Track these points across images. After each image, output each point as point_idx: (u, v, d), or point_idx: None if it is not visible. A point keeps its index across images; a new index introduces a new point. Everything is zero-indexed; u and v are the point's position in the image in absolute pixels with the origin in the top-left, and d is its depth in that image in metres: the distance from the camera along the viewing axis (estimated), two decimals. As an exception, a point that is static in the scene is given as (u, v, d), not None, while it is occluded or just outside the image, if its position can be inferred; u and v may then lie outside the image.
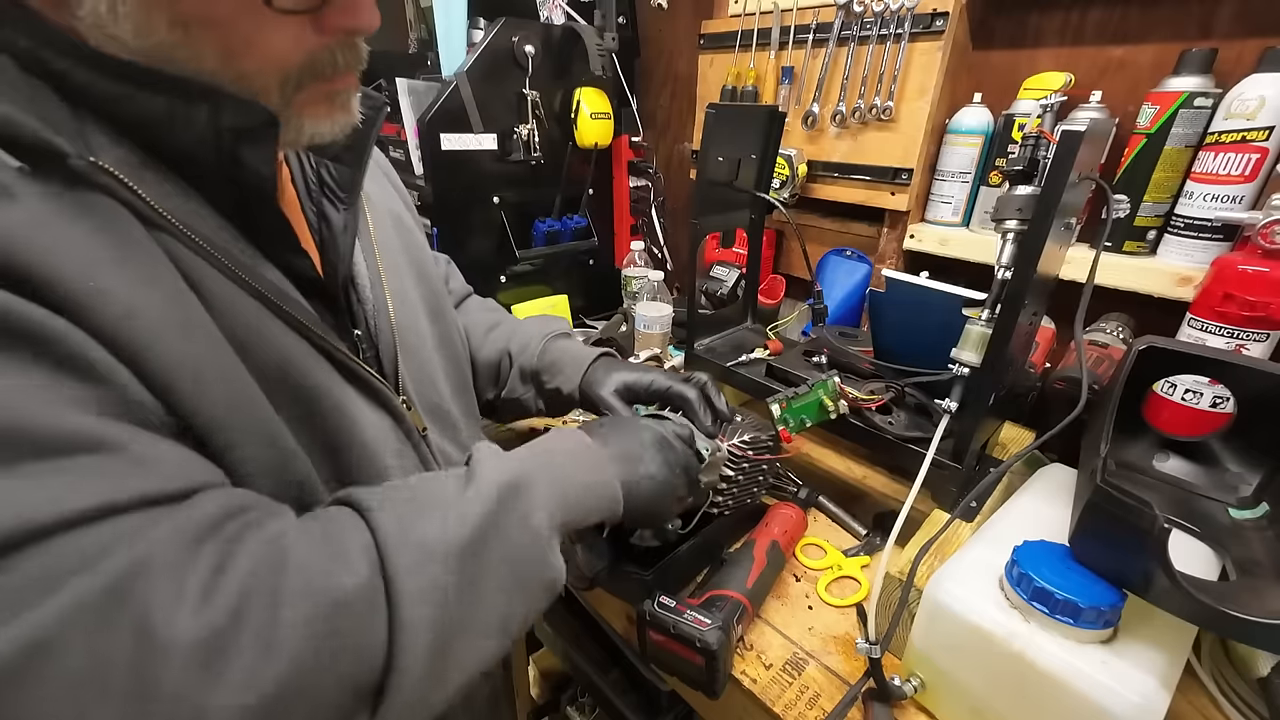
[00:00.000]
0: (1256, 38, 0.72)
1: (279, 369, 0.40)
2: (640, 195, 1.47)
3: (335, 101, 0.41)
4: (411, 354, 0.55)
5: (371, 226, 0.56)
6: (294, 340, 0.42)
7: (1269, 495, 0.58)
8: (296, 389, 0.41)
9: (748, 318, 1.05)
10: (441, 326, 0.62)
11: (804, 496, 0.79)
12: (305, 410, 0.42)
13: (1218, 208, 0.72)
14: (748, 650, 0.60)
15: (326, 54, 0.38)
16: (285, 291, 0.42)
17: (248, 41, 0.35)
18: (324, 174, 0.51)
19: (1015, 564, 0.48)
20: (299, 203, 0.50)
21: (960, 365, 0.64)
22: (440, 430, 0.57)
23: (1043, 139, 0.58)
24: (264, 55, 0.36)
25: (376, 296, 0.53)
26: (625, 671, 0.93)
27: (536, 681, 1.25)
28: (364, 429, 0.46)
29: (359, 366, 0.46)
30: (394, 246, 0.58)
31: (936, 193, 0.98)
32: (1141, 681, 0.42)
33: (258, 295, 0.39)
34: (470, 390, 0.67)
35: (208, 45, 0.34)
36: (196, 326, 0.35)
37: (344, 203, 0.51)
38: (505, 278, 1.24)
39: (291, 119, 0.39)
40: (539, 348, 0.72)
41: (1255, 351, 0.66)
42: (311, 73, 0.38)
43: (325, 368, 0.44)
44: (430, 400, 0.57)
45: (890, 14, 0.92)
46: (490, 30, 1.08)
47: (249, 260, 0.40)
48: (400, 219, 0.62)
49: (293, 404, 0.41)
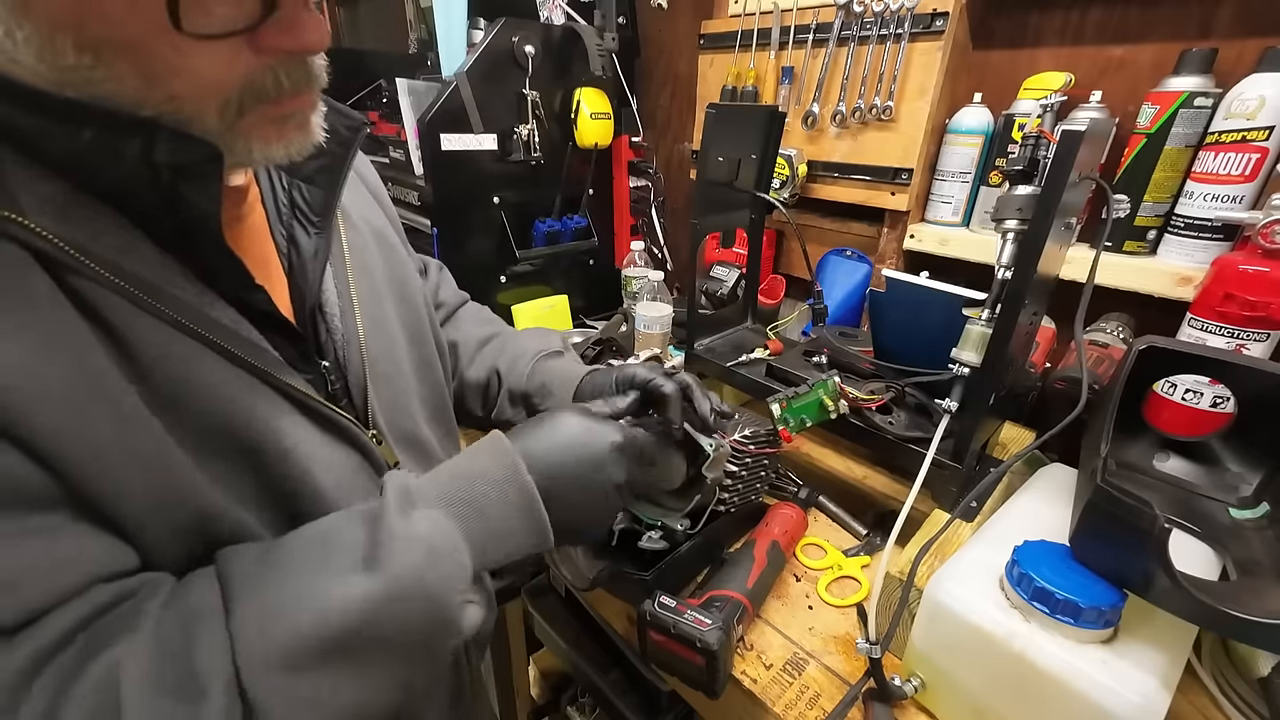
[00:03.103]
0: (1256, 38, 0.72)
1: (221, 418, 0.38)
2: (640, 195, 1.47)
3: (287, 124, 0.38)
4: (385, 383, 0.52)
5: (346, 249, 0.53)
6: (243, 382, 0.39)
7: (1269, 495, 0.58)
8: (239, 439, 0.39)
9: (748, 318, 1.05)
10: (423, 350, 0.59)
11: (804, 496, 0.79)
12: (250, 461, 0.39)
13: (1218, 207, 0.72)
14: (748, 650, 0.60)
15: (269, 75, 0.35)
16: (234, 330, 0.40)
17: (170, 66, 0.32)
18: (296, 196, 0.49)
19: (1015, 564, 0.48)
20: (268, 225, 0.48)
21: (960, 365, 0.64)
22: (414, 460, 0.54)
23: (1043, 139, 0.58)
24: (193, 80, 0.33)
25: (347, 326, 0.50)
26: (625, 671, 0.93)
27: (536, 681, 1.25)
28: (318, 476, 0.43)
29: (320, 404, 0.44)
30: (373, 268, 0.55)
31: (936, 193, 0.98)
32: (1142, 681, 0.42)
33: (199, 337, 0.37)
34: (449, 411, 0.63)
35: (125, 71, 0.31)
36: (102, 399, 0.33)
37: (316, 227, 0.49)
38: (505, 278, 1.24)
39: (237, 142, 0.36)
40: (528, 368, 0.68)
41: (1255, 351, 0.66)
42: (254, 96, 0.35)
43: (281, 408, 0.41)
44: (404, 430, 0.54)
45: (890, 14, 0.92)
46: (490, 30, 1.08)
47: (193, 299, 0.38)
48: (383, 236, 0.59)
49: (236, 455, 0.39)
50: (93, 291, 0.34)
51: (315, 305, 0.48)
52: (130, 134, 0.33)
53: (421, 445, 0.56)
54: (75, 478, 0.32)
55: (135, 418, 0.34)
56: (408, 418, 0.55)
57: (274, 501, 0.41)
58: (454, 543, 0.39)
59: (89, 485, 0.33)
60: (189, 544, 0.37)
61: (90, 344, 0.33)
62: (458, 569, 0.38)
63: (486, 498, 0.41)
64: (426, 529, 0.38)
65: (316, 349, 0.48)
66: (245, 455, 0.39)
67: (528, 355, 0.70)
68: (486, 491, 0.41)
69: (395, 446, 0.52)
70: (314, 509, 0.42)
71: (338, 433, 0.45)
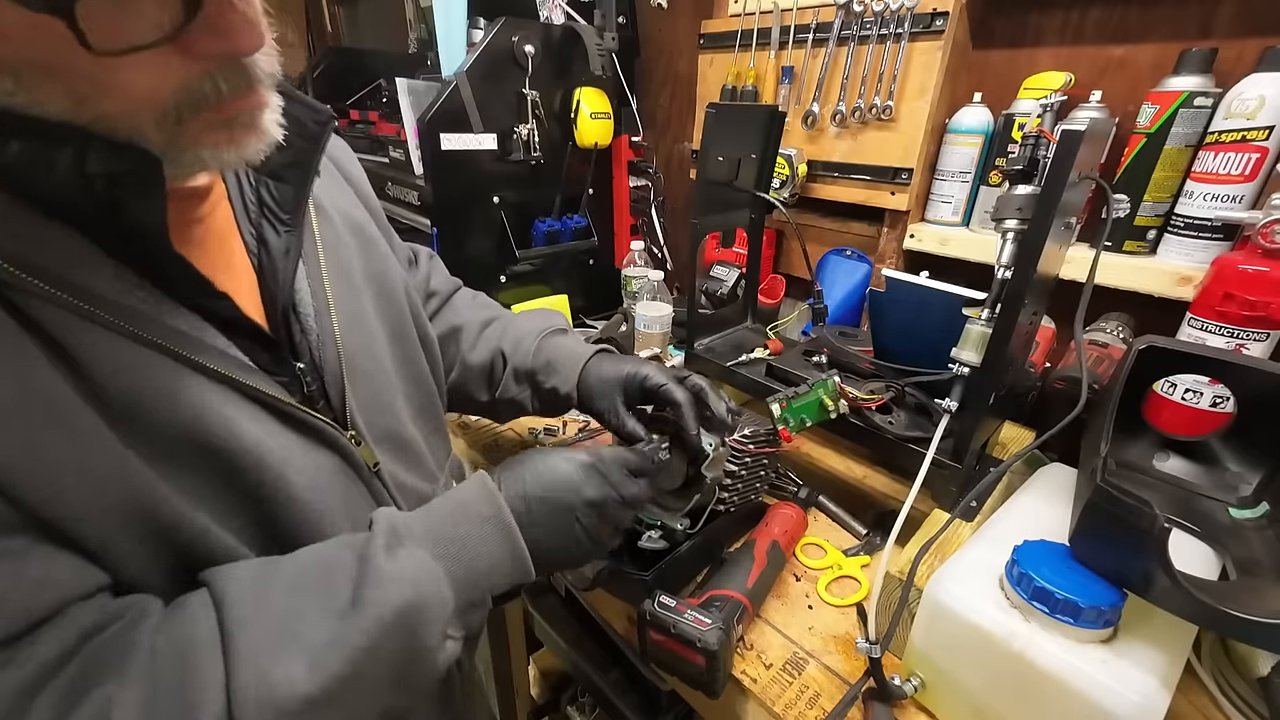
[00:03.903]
0: (1256, 37, 0.72)
1: (184, 428, 0.37)
2: (640, 195, 1.47)
3: (234, 127, 0.36)
4: (364, 381, 0.51)
5: (320, 245, 0.51)
6: (207, 391, 0.38)
7: (1269, 495, 0.58)
8: (205, 451, 0.38)
9: (748, 317, 1.05)
10: (405, 345, 0.58)
11: (804, 496, 0.79)
12: (218, 471, 0.39)
13: (1218, 207, 0.72)
14: (748, 650, 0.60)
15: (207, 82, 0.33)
16: (197, 338, 0.39)
17: (97, 84, 0.30)
18: (264, 193, 0.47)
19: (1015, 564, 0.48)
20: (235, 224, 0.46)
21: (960, 365, 0.64)
22: (397, 459, 0.53)
23: (1043, 138, 0.58)
24: (123, 95, 0.31)
25: (322, 325, 0.49)
26: (625, 671, 0.93)
27: (536, 681, 1.25)
28: (292, 481, 0.42)
29: (294, 408, 0.43)
30: (350, 262, 0.54)
31: (936, 192, 0.98)
32: (1141, 681, 0.42)
33: (156, 347, 0.36)
34: (437, 408, 0.63)
35: (50, 92, 0.30)
36: (54, 421, 0.32)
37: (285, 224, 0.47)
38: (505, 278, 1.24)
39: (185, 152, 0.35)
40: (534, 345, 0.69)
41: (1255, 351, 0.66)
42: (192, 103, 0.33)
43: (249, 413, 0.40)
44: (386, 429, 0.53)
45: (890, 14, 0.92)
46: (490, 30, 1.08)
47: (149, 309, 0.37)
48: (361, 229, 0.57)
49: (203, 466, 0.38)
50: (37, 308, 0.33)
51: (289, 305, 0.47)
52: (60, 144, 0.31)
53: (406, 443, 0.56)
54: (30, 503, 0.32)
55: (90, 436, 0.34)
56: (390, 416, 0.54)
57: (245, 509, 0.40)
58: (438, 582, 0.40)
59: (45, 509, 0.32)
60: (163, 559, 0.37)
61: (37, 363, 0.32)
62: (440, 608, 0.40)
63: (469, 536, 0.43)
64: (412, 570, 0.39)
65: (291, 350, 0.47)
66: (213, 465, 0.38)
67: (532, 334, 0.70)
68: (469, 530, 0.43)
69: (376, 446, 0.51)
70: (289, 515, 0.42)
71: (314, 435, 0.45)
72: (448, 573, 0.41)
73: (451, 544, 0.42)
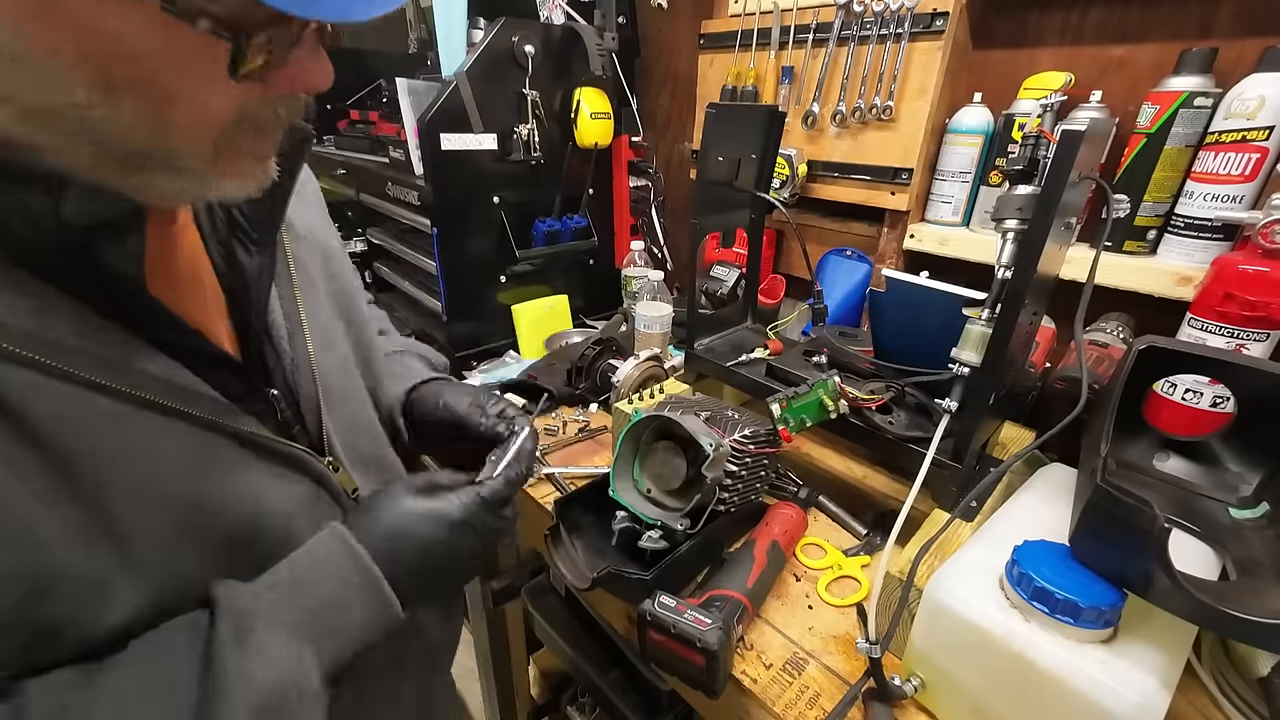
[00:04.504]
0: (1256, 37, 0.72)
1: (151, 479, 0.35)
2: (640, 195, 1.47)
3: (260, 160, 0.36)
4: (341, 404, 0.49)
5: (292, 264, 0.49)
6: (176, 432, 0.36)
7: (1269, 495, 0.58)
8: (173, 499, 0.36)
9: (748, 318, 1.05)
10: (371, 369, 0.57)
11: (804, 496, 0.79)
12: (188, 520, 0.36)
13: (1218, 207, 0.72)
14: (748, 650, 0.60)
15: (268, 109, 0.33)
16: (166, 379, 0.36)
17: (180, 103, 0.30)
18: (234, 212, 0.44)
19: (1015, 564, 0.48)
20: (204, 245, 0.43)
21: (960, 365, 0.64)
22: (379, 483, 0.51)
23: (1043, 139, 0.58)
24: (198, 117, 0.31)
25: (296, 348, 0.47)
26: (625, 671, 0.93)
27: (536, 681, 1.25)
28: (266, 518, 0.40)
29: (268, 439, 0.41)
30: (317, 281, 0.51)
31: (936, 192, 0.98)
32: (1141, 681, 0.42)
33: (122, 396, 0.34)
34: None
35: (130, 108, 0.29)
36: None
37: (257, 244, 0.44)
38: (505, 278, 1.24)
39: (211, 182, 0.34)
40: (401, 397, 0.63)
41: (1255, 351, 0.66)
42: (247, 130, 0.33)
43: (223, 449, 0.39)
44: (365, 452, 0.51)
45: (890, 14, 0.92)
46: (490, 30, 1.08)
47: (115, 353, 0.35)
48: (326, 246, 0.54)
49: (175, 516, 0.36)
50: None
51: (263, 329, 0.45)
52: (31, 189, 0.30)
53: (387, 468, 0.54)
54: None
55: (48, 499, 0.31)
56: (370, 439, 0.52)
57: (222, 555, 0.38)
58: (297, 668, 0.37)
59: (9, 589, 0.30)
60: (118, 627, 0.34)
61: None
62: (299, 698, 0.36)
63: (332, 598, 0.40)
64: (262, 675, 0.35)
65: (264, 376, 0.45)
66: (185, 514, 0.36)
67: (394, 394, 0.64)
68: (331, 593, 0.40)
69: (354, 471, 0.49)
70: (270, 553, 0.40)
71: (289, 464, 0.43)
72: (310, 640, 0.38)
73: (312, 613, 0.39)
